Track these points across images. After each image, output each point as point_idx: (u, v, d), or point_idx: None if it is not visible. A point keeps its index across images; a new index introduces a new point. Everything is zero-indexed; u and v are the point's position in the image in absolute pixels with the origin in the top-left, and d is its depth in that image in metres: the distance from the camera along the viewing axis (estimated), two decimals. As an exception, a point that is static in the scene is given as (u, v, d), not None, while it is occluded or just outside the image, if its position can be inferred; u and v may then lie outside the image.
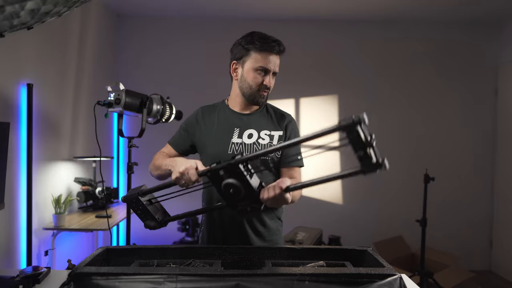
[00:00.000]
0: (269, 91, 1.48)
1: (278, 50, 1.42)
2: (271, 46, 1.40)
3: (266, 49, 1.40)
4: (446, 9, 3.61)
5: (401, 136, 3.98)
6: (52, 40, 2.63)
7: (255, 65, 1.41)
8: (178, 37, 3.94)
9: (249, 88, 1.45)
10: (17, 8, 0.77)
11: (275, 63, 1.43)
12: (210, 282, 0.92)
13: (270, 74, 1.43)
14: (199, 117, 1.55)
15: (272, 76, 1.46)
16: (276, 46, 1.41)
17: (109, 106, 1.85)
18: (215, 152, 1.46)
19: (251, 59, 1.42)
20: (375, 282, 0.93)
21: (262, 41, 1.40)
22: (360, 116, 0.81)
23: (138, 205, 1.23)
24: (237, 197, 1.06)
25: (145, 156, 3.21)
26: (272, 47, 1.40)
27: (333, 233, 3.64)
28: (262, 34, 1.43)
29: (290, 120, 1.54)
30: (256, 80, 1.43)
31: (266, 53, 1.40)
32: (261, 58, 1.40)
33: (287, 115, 1.56)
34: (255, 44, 1.40)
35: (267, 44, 1.40)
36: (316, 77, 3.99)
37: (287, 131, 1.51)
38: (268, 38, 1.41)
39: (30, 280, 1.13)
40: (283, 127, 1.51)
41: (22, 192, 2.25)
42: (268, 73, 1.43)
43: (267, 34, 1.43)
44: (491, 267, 3.98)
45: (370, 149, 0.84)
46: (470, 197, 4.01)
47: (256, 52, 1.41)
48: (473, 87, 4.01)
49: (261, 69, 1.41)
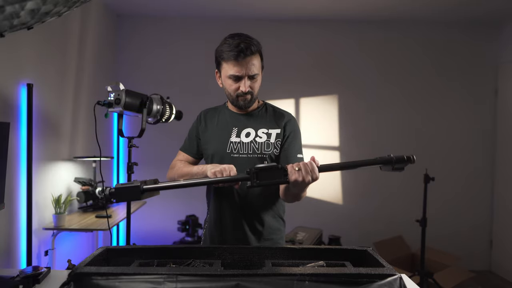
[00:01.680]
0: (251, 94, 1.45)
1: (245, 55, 1.38)
2: (236, 54, 1.37)
3: (232, 58, 1.38)
4: (446, 9, 3.61)
5: (401, 136, 3.98)
6: (52, 40, 2.63)
7: (227, 74, 1.42)
8: (178, 37, 3.94)
9: (229, 95, 1.48)
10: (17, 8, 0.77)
11: (247, 67, 1.39)
12: (210, 282, 0.91)
13: (244, 79, 1.42)
14: (202, 119, 1.61)
15: (251, 79, 1.43)
16: (241, 53, 1.37)
17: (109, 106, 1.84)
18: (215, 151, 1.51)
19: (224, 69, 1.44)
20: (375, 282, 0.93)
21: (229, 49, 1.38)
22: (412, 158, 1.13)
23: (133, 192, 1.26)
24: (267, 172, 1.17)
25: (145, 156, 3.22)
26: (237, 55, 1.37)
27: (333, 233, 3.64)
28: (231, 41, 1.40)
29: (290, 119, 1.55)
30: (232, 87, 1.44)
31: (234, 61, 1.39)
32: (231, 67, 1.40)
33: (286, 113, 1.57)
34: (224, 53, 1.40)
35: (232, 52, 1.37)
36: (316, 77, 3.99)
37: (286, 130, 1.52)
38: (235, 45, 1.37)
39: (30, 280, 1.13)
40: (281, 125, 1.52)
41: (22, 192, 2.25)
42: (241, 79, 1.42)
43: (236, 39, 1.39)
44: (491, 267, 3.98)
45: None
46: (470, 197, 4.01)
47: (226, 61, 1.41)
48: (473, 87, 4.01)
49: (233, 77, 1.42)
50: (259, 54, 1.44)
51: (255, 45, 1.41)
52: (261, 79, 1.50)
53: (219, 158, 1.49)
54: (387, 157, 1.14)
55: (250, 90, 1.44)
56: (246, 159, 1.46)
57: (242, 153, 1.47)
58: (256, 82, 1.46)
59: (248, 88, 1.43)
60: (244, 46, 1.37)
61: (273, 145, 1.48)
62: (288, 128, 1.52)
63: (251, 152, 1.47)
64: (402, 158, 1.12)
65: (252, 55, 1.40)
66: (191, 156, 1.62)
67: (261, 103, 1.59)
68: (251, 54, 1.40)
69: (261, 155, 1.47)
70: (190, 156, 1.62)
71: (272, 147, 1.48)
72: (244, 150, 1.48)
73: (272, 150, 1.48)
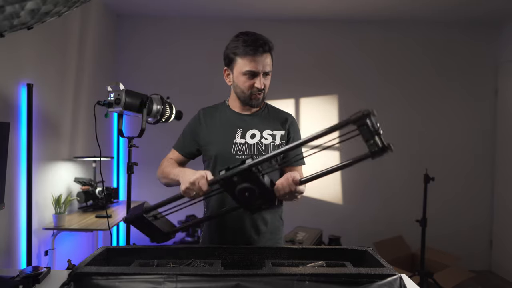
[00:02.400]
0: (264, 92, 1.46)
1: (263, 50, 1.39)
2: (254, 49, 1.37)
3: (250, 53, 1.38)
4: (446, 9, 3.61)
5: (401, 136, 3.97)
6: (52, 40, 2.63)
7: (243, 70, 1.41)
8: (178, 37, 3.94)
9: (242, 93, 1.46)
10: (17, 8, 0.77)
11: (263, 63, 1.40)
12: (210, 282, 0.92)
13: (260, 75, 1.41)
14: (201, 118, 1.56)
15: (264, 76, 1.43)
16: (260, 48, 1.38)
17: (109, 106, 1.84)
18: (218, 152, 1.47)
19: (238, 65, 1.42)
20: (375, 282, 0.93)
21: (245, 45, 1.38)
22: (370, 110, 0.96)
23: (143, 223, 1.19)
24: (252, 199, 1.10)
25: (145, 156, 3.21)
26: (256, 50, 1.38)
27: (333, 233, 3.64)
28: (246, 38, 1.40)
29: (292, 121, 1.56)
30: (246, 84, 1.43)
31: (251, 56, 1.38)
32: (247, 62, 1.39)
33: (288, 115, 1.57)
34: (239, 49, 1.39)
35: (250, 47, 1.37)
36: (316, 77, 3.99)
37: (290, 132, 1.52)
38: (252, 40, 1.38)
39: (30, 280, 1.13)
40: (285, 127, 1.52)
41: (22, 192, 2.25)
42: (257, 75, 1.41)
43: (251, 35, 1.40)
44: (491, 267, 3.98)
45: (377, 137, 0.96)
46: (470, 197, 4.01)
47: (241, 57, 1.40)
48: (473, 87, 4.01)
49: (249, 73, 1.41)
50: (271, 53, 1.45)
51: (271, 42, 1.42)
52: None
53: (223, 160, 1.45)
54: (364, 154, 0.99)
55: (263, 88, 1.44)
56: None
57: (248, 154, 1.45)
58: (268, 81, 1.46)
59: (263, 85, 1.43)
60: (262, 41, 1.39)
61: (278, 147, 1.47)
62: (292, 130, 1.53)
63: (257, 154, 1.45)
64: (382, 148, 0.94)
65: (269, 51, 1.42)
66: (182, 155, 1.57)
67: (263, 104, 1.57)
68: (269, 51, 1.41)
69: None
70: (181, 155, 1.57)
71: (277, 148, 1.45)
72: (249, 151, 1.45)
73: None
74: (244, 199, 1.09)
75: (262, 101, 1.49)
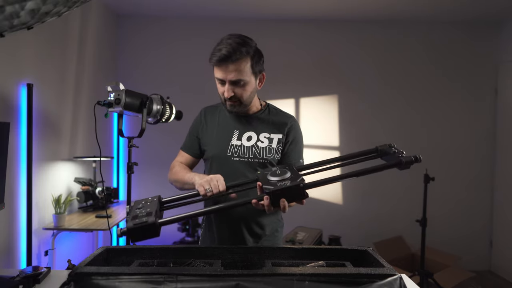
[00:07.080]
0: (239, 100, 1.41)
1: (226, 62, 1.34)
2: (218, 59, 1.34)
3: (214, 61, 1.37)
4: (446, 9, 3.61)
5: (401, 136, 3.97)
6: (52, 40, 2.63)
7: (215, 76, 1.42)
8: (178, 37, 3.94)
9: (220, 98, 1.47)
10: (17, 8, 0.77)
11: (227, 72, 1.36)
12: (210, 282, 0.91)
13: (226, 84, 1.39)
14: (203, 117, 1.57)
15: (235, 85, 1.38)
16: (222, 60, 1.34)
17: (109, 106, 1.84)
18: (215, 153, 1.48)
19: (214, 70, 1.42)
20: (375, 282, 0.93)
21: (213, 52, 1.37)
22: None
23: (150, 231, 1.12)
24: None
25: (145, 156, 3.21)
26: (219, 60, 1.34)
27: (333, 233, 3.64)
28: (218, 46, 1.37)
29: (292, 124, 1.52)
30: (219, 91, 1.44)
31: (217, 65, 1.38)
32: (216, 70, 1.40)
33: (289, 118, 1.54)
34: (211, 55, 1.39)
35: (215, 56, 1.35)
36: (316, 77, 3.99)
37: (288, 136, 1.50)
38: (218, 49, 1.35)
39: (30, 280, 1.13)
40: (283, 131, 1.49)
41: (22, 192, 2.25)
42: (225, 83, 1.39)
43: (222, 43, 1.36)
44: (491, 267, 3.98)
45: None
46: (470, 197, 4.01)
47: (212, 63, 1.40)
48: (473, 87, 4.01)
49: (218, 80, 1.41)
50: (250, 58, 1.37)
51: (241, 51, 1.34)
52: (256, 82, 1.45)
53: (219, 161, 1.46)
54: (395, 160, 1.14)
55: (236, 95, 1.39)
56: (247, 163, 1.44)
57: (243, 157, 1.44)
58: (242, 88, 1.39)
59: (231, 94, 1.38)
60: (226, 52, 1.32)
61: (275, 151, 1.46)
62: (290, 134, 1.50)
63: (252, 157, 1.44)
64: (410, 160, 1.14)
65: (235, 61, 1.34)
66: (191, 156, 1.57)
67: (264, 105, 1.56)
68: (233, 61, 1.34)
69: (262, 160, 1.44)
70: (190, 155, 1.57)
71: (273, 152, 1.46)
72: (245, 154, 1.45)
73: (274, 156, 1.46)
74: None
75: (242, 107, 1.45)
